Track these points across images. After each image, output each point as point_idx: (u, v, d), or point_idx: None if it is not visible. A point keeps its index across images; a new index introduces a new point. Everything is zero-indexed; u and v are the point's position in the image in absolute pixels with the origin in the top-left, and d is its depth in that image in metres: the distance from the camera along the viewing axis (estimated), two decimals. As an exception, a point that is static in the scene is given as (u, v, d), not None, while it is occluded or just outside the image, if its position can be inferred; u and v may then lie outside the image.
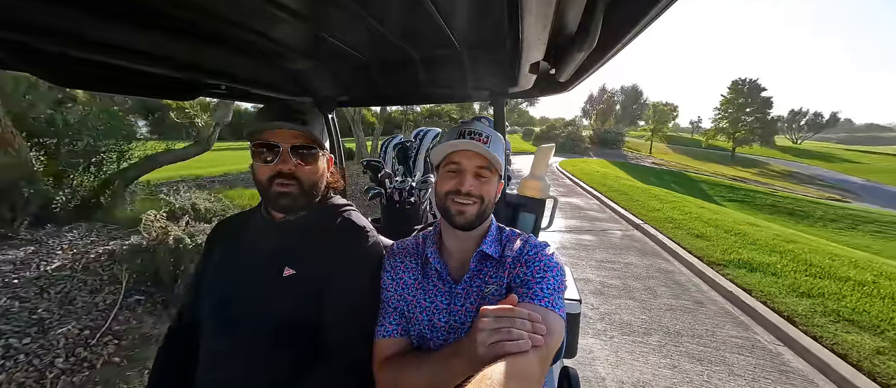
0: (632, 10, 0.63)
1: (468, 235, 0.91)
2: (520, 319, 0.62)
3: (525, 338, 0.60)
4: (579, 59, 0.73)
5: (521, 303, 0.72)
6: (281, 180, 0.87)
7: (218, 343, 0.89)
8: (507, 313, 0.63)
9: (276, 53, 0.94)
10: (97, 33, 0.74)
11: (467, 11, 0.70)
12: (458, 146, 0.85)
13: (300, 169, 0.88)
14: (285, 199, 0.88)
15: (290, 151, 0.86)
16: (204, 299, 0.95)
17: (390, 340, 0.87)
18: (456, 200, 0.86)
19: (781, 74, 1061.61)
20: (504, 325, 0.61)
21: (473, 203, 0.86)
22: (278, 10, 0.66)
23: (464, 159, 0.86)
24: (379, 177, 2.14)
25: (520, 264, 0.84)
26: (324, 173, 0.98)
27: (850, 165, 42.21)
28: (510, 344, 0.58)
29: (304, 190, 0.90)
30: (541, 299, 0.76)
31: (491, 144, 0.86)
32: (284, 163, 0.86)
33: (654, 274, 4.55)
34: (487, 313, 0.64)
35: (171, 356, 0.97)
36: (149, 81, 1.09)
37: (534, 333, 0.61)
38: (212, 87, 1.22)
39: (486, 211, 0.89)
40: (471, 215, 0.86)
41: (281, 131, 0.86)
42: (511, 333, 0.60)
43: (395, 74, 1.19)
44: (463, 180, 0.85)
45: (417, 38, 0.85)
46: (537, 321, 0.63)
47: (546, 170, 1.64)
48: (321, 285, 0.88)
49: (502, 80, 1.22)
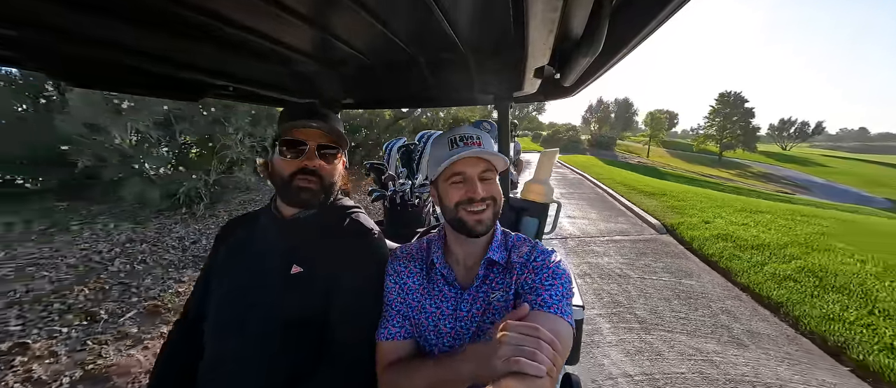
0: (637, 15, 0.63)
1: (476, 241, 0.90)
2: (544, 342, 0.59)
3: (547, 363, 0.57)
4: (584, 64, 0.73)
5: (532, 311, 0.71)
6: (304, 176, 0.90)
7: (224, 339, 0.90)
8: (532, 332, 0.60)
9: (283, 56, 0.95)
10: (107, 33, 0.75)
11: (473, 16, 0.70)
12: (458, 157, 0.83)
13: (322, 167, 0.92)
14: (306, 193, 0.91)
15: (316, 148, 0.91)
16: (212, 295, 0.96)
17: (394, 342, 0.87)
18: (469, 209, 0.84)
19: (798, 82, 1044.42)
20: (528, 345, 0.58)
21: (487, 207, 0.85)
22: (286, 13, 0.67)
23: (467, 167, 0.85)
24: (382, 179, 2.14)
25: (528, 271, 0.83)
26: (340, 174, 1.01)
27: (819, 168, 48.68)
28: (530, 366, 0.56)
29: (323, 187, 0.93)
30: (550, 306, 0.75)
31: (484, 143, 0.86)
32: (309, 159, 0.90)
33: (584, 188, 11.27)
34: (512, 327, 0.61)
35: (176, 351, 0.97)
36: (157, 82, 1.10)
37: (553, 362, 0.58)
38: (219, 88, 1.23)
39: (500, 209, 0.89)
40: (488, 219, 0.85)
41: (308, 130, 0.91)
42: (535, 355, 0.57)
43: (400, 76, 1.19)
44: (472, 188, 0.84)
45: (423, 41, 0.86)
46: (558, 349, 0.60)
47: (550, 174, 1.63)
48: (328, 285, 0.89)
49: (507, 84, 1.22)
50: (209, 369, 0.89)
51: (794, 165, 51.17)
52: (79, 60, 0.88)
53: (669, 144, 51.93)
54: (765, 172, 41.98)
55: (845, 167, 50.87)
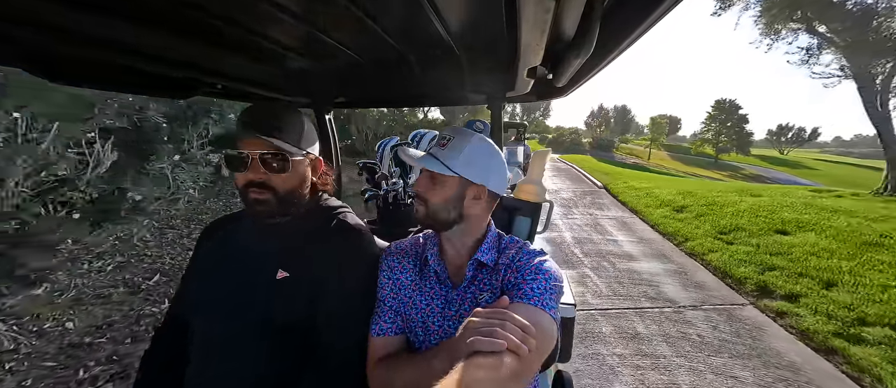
0: (629, 16, 0.63)
1: (462, 242, 0.91)
2: (509, 322, 0.59)
3: (509, 339, 0.56)
4: (577, 64, 0.73)
5: (511, 303, 0.71)
6: (254, 189, 0.86)
7: (209, 346, 0.88)
8: (497, 316, 0.60)
9: (274, 53, 0.94)
10: (92, 30, 0.73)
11: (465, 15, 0.70)
12: (412, 156, 0.94)
13: (271, 178, 0.86)
14: (260, 206, 0.87)
15: (259, 160, 0.85)
16: (195, 301, 0.93)
17: (385, 338, 0.87)
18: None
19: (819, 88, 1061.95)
20: (486, 325, 0.59)
21: (421, 204, 0.90)
22: (277, 10, 0.66)
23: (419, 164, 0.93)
24: (375, 178, 2.13)
25: (511, 270, 0.85)
26: (304, 179, 0.95)
27: (807, 171, 52.46)
28: (486, 342, 0.56)
29: (279, 197, 0.88)
30: (530, 298, 0.75)
31: (451, 145, 0.88)
32: (254, 172, 0.85)
33: (570, 173, 14.39)
34: (478, 313, 0.63)
35: (157, 360, 0.94)
36: (145, 80, 1.08)
37: (522, 342, 0.58)
38: (209, 86, 1.21)
39: (436, 210, 0.87)
40: (420, 214, 0.90)
41: (249, 141, 0.85)
42: (494, 333, 0.57)
43: (393, 75, 1.19)
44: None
45: (415, 39, 0.85)
46: (531, 332, 0.60)
47: (542, 175, 1.64)
48: (315, 288, 0.87)
49: (500, 83, 1.22)
50: (194, 376, 0.88)
51: (786, 168, 54.60)
52: (65, 58, 0.86)
53: (671, 147, 55.26)
54: (756, 174, 44.53)
55: (827, 169, 54.94)
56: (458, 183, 0.86)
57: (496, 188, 0.90)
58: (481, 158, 0.88)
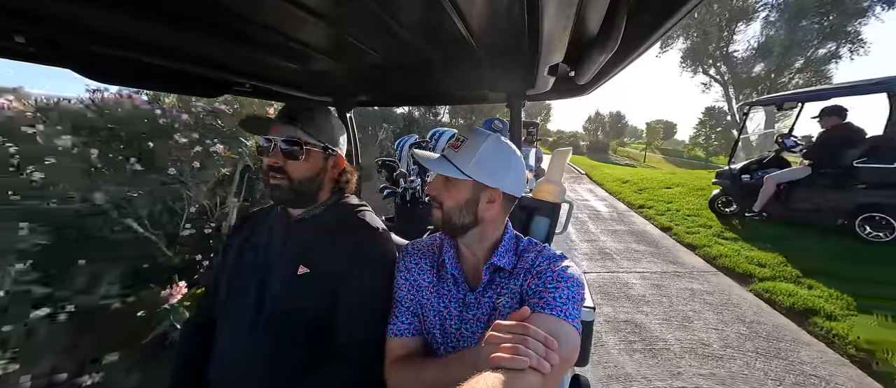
0: (656, 11, 0.61)
1: (479, 246, 0.89)
2: (532, 338, 0.57)
3: (531, 356, 0.54)
4: (600, 61, 0.71)
5: (533, 314, 0.69)
6: (273, 173, 0.92)
7: (233, 339, 0.91)
8: (518, 330, 0.58)
9: (301, 54, 0.96)
10: (128, 30, 0.77)
11: (486, 12, 0.69)
12: (421, 157, 0.90)
13: (287, 163, 0.92)
14: (276, 191, 0.92)
15: (278, 147, 0.91)
16: (222, 295, 0.97)
17: (402, 339, 0.87)
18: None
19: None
20: (510, 342, 0.56)
21: (436, 208, 0.88)
22: (303, 12, 0.68)
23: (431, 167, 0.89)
24: (394, 176, 2.15)
25: (532, 276, 0.81)
26: (321, 172, 0.97)
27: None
28: (508, 360, 0.54)
29: (293, 185, 0.92)
30: (553, 308, 0.72)
31: (464, 147, 0.83)
32: (274, 158, 0.91)
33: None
34: (498, 327, 0.60)
35: (191, 350, 0.98)
36: (178, 78, 1.14)
37: (544, 358, 0.56)
38: (238, 85, 1.26)
39: (452, 216, 0.85)
40: (437, 220, 0.88)
41: (274, 128, 0.92)
42: (517, 350, 0.55)
43: (414, 74, 1.20)
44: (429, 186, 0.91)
45: (436, 39, 0.86)
46: (553, 346, 0.57)
47: (562, 174, 1.61)
48: (335, 284, 0.89)
49: (520, 81, 1.21)
50: (219, 369, 0.91)
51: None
52: (107, 59, 0.92)
53: (667, 150, 58.48)
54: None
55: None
56: (472, 186, 0.83)
57: (512, 191, 0.87)
58: (496, 160, 0.84)
